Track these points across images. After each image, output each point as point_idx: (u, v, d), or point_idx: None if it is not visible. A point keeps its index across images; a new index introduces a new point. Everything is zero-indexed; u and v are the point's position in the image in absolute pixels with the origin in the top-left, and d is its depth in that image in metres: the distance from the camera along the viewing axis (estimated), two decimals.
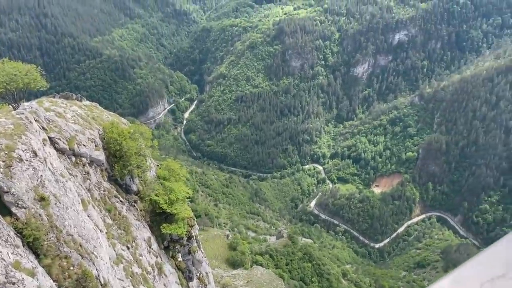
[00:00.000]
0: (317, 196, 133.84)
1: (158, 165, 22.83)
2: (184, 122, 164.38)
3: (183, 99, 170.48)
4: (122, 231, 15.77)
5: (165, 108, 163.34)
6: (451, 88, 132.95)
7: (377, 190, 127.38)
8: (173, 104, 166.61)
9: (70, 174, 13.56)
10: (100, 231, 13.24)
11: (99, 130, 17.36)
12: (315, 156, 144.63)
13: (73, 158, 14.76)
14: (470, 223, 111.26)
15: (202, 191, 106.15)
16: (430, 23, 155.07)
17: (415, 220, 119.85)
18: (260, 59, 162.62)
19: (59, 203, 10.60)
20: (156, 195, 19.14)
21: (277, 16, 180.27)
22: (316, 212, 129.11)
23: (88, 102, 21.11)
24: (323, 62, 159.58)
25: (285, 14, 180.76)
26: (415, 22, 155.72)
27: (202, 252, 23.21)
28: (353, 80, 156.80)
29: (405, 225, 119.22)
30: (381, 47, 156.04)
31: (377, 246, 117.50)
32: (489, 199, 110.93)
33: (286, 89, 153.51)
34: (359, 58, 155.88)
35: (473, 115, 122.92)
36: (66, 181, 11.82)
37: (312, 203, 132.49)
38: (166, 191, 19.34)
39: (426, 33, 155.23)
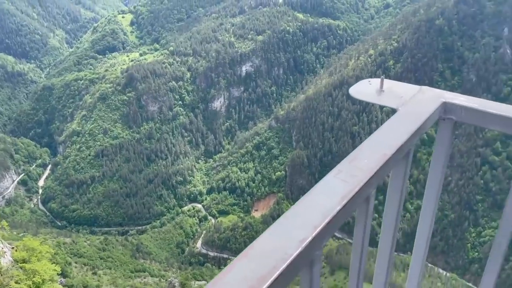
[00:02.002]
0: (202, 235, 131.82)
1: (13, 248, 19.50)
2: (40, 191, 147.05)
3: (34, 166, 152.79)
4: None
5: (13, 181, 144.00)
6: (299, 107, 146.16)
7: (257, 215, 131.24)
8: (23, 174, 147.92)
9: None
10: None
11: None
12: (192, 195, 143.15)
13: None
14: (343, 225, 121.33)
15: (75, 262, 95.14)
16: (270, 52, 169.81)
17: None
18: (114, 109, 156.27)
19: None
20: (16, 282, 16.15)
21: (124, 64, 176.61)
22: (204, 251, 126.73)
23: None
24: (180, 102, 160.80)
25: (132, 61, 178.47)
26: (257, 53, 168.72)
27: None
28: (213, 114, 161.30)
29: None
30: (231, 80, 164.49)
31: None
32: None
33: (149, 134, 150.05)
34: (214, 93, 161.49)
35: (322, 127, 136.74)
36: None
37: (199, 243, 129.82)
38: (29, 275, 16.48)
39: (268, 62, 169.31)
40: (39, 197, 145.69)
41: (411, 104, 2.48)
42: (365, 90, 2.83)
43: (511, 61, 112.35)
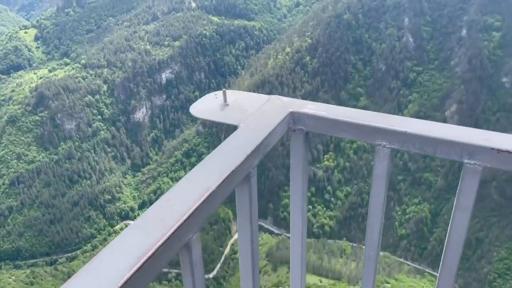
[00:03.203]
0: None
1: None
2: None
3: None
4: None
5: None
6: None
7: None
8: None
9: None
10: None
11: None
12: (123, 212, 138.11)
13: None
14: (280, 220, 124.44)
15: None
16: (189, 57, 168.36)
17: (235, 236, 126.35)
18: (26, 131, 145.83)
19: None
20: None
21: (32, 82, 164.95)
22: None
23: None
24: (99, 116, 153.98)
25: (41, 78, 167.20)
26: (176, 59, 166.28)
27: None
28: (137, 126, 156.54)
29: (229, 244, 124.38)
30: (152, 88, 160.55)
31: (211, 276, 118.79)
32: (286, 193, 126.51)
33: (68, 154, 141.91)
34: (135, 104, 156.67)
35: None
36: None
37: None
38: None
39: (188, 67, 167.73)
40: None
41: (255, 118, 2.17)
42: (207, 106, 2.50)
43: (414, 48, 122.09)
